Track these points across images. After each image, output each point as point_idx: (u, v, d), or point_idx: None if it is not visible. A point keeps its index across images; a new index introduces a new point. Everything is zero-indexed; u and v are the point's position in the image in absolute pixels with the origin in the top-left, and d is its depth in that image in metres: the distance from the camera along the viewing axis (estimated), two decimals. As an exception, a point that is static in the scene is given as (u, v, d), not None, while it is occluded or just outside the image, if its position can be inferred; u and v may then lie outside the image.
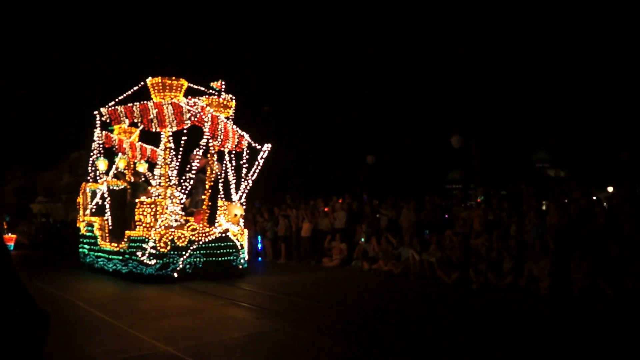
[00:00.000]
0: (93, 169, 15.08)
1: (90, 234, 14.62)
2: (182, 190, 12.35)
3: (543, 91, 22.26)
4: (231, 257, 12.72)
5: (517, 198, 14.45)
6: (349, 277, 12.88)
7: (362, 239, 14.59)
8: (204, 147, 12.42)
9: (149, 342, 6.42)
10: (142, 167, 16.08)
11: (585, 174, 22.08)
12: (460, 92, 21.28)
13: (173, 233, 11.95)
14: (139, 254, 11.89)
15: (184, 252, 11.95)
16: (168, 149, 12.83)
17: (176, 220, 12.34)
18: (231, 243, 12.74)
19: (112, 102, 13.25)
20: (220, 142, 12.76)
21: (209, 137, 12.33)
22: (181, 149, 12.55)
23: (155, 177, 14.30)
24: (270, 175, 11.17)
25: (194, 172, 12.40)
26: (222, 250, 12.57)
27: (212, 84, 13.01)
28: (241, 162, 13.13)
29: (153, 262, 11.76)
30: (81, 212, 15.66)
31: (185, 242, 12.02)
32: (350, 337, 6.90)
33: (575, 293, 9.69)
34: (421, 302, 9.81)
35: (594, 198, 14.64)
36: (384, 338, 6.88)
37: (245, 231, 13.45)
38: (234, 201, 13.08)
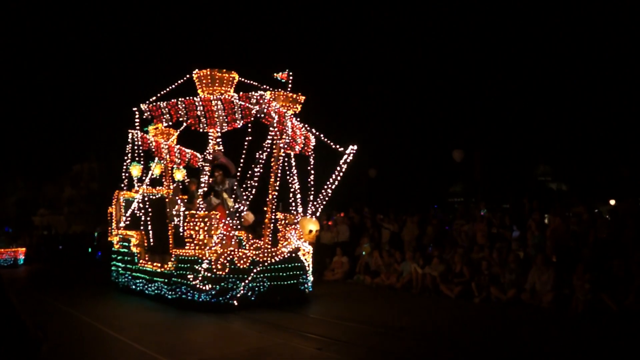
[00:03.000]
0: (126, 175, 13.68)
1: (125, 250, 12.94)
2: (240, 201, 10.86)
3: (546, 104, 22.40)
4: (298, 280, 10.95)
5: (519, 212, 14.48)
6: (351, 290, 12.88)
7: (364, 253, 14.61)
8: (268, 150, 10.78)
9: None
10: (180, 174, 14.61)
11: (587, 187, 22.12)
12: (463, 106, 21.40)
13: (233, 253, 10.17)
14: (190, 277, 10.24)
15: (245, 276, 10.14)
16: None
17: (230, 237, 10.60)
18: (299, 264, 10.95)
19: (154, 98, 11.64)
20: (288, 144, 10.93)
21: (278, 138, 10.54)
22: (244, 152, 10.99)
23: (202, 186, 11.94)
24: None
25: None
26: (289, 273, 10.75)
27: (276, 75, 11.27)
28: (309, 168, 11.33)
29: (208, 287, 10.03)
30: (114, 224, 13.98)
31: (247, 264, 10.18)
32: (351, 350, 6.93)
33: (579, 307, 9.74)
34: (423, 317, 9.83)
35: (596, 211, 14.67)
36: (386, 352, 6.90)
37: (310, 249, 11.52)
38: (308, 215, 11.11)
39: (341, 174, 10.67)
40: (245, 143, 11.00)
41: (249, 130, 11.14)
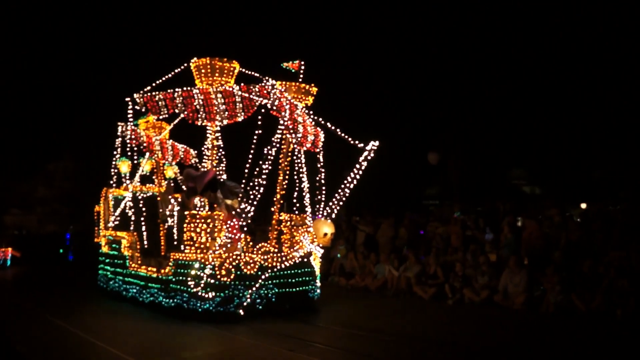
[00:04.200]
0: (115, 171, 12.81)
1: (115, 252, 11.95)
2: (246, 200, 9.80)
3: (520, 108, 22.77)
4: (308, 287, 10.28)
5: (493, 214, 14.72)
6: (326, 292, 12.90)
7: (339, 255, 14.69)
8: (277, 145, 9.80)
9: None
10: (171, 171, 13.76)
11: (560, 191, 22.57)
12: (438, 109, 21.62)
13: (239, 258, 9.44)
14: (191, 283, 9.40)
15: (252, 282, 9.42)
16: (215, 148, 10.62)
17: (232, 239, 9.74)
18: (309, 269, 10.30)
19: (148, 88, 10.85)
20: (299, 139, 10.03)
21: (289, 132, 9.81)
22: (253, 146, 9.90)
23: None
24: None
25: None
26: (299, 279, 10.07)
27: (285, 64, 10.51)
28: (319, 165, 10.56)
29: (211, 294, 9.26)
30: (102, 224, 12.87)
31: (255, 270, 9.44)
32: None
33: (550, 308, 9.96)
34: (398, 319, 9.93)
35: (568, 215, 15.00)
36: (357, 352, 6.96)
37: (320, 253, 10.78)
38: (323, 216, 10.24)
39: (360, 172, 9.70)
40: (254, 138, 9.87)
41: (259, 122, 9.92)
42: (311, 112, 10.20)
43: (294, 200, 10.71)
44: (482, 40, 22.85)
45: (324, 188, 10.46)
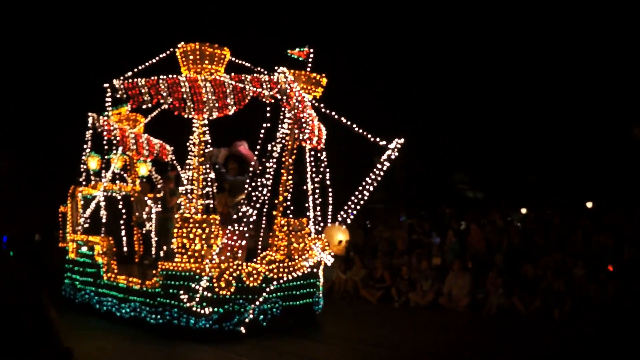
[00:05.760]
0: (84, 167, 11.40)
1: (87, 260, 10.48)
2: (247, 203, 8.80)
3: (463, 113, 23.48)
4: (313, 299, 9.46)
5: (438, 219, 15.14)
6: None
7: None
8: (282, 141, 8.91)
9: None
10: (145, 168, 12.33)
11: (501, 196, 23.39)
12: (384, 114, 21.98)
13: (240, 268, 8.38)
14: (184, 297, 8.31)
15: (256, 296, 8.42)
16: (203, 144, 9.35)
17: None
18: (314, 280, 9.46)
19: (130, 73, 9.60)
20: (307, 135, 8.90)
21: (296, 127, 8.83)
22: (259, 141, 8.83)
23: (185, 183, 9.75)
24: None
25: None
26: (305, 291, 9.21)
27: (291, 51, 9.49)
28: (322, 165, 9.59)
29: (208, 310, 8.19)
30: (68, 227, 11.32)
31: (259, 282, 8.43)
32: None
33: (492, 310, 10.33)
34: (345, 322, 10.04)
35: (509, 219, 15.62)
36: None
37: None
38: (337, 222, 8.83)
39: (382, 172, 8.62)
40: (261, 133, 8.84)
41: (267, 116, 8.90)
42: (322, 105, 9.12)
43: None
44: (428, 48, 23.34)
45: (330, 190, 9.59)
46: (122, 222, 10.47)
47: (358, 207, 8.64)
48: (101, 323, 9.58)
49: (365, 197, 8.66)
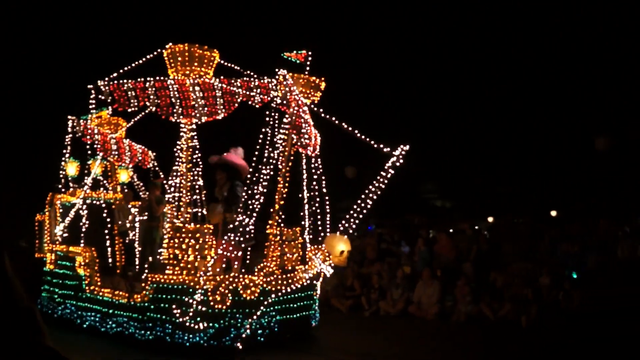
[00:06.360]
0: (63, 173, 10.74)
1: (67, 272, 9.87)
2: (245, 211, 8.30)
3: (429, 123, 23.84)
4: (310, 312, 9.16)
5: (407, 228, 15.32)
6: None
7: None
8: (279, 147, 8.53)
9: None
10: (125, 175, 11.67)
11: (469, 205, 23.76)
12: (351, 122, 22.14)
13: (237, 280, 7.98)
14: (177, 312, 7.87)
15: (253, 310, 8.03)
16: (191, 149, 8.98)
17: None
18: (312, 292, 9.20)
19: (115, 75, 9.11)
20: (307, 140, 8.54)
21: (295, 132, 8.48)
22: (256, 146, 8.50)
23: (170, 189, 9.22)
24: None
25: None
26: (302, 303, 8.89)
27: (288, 54, 9.00)
28: (317, 172, 9.06)
29: (202, 325, 7.73)
30: (46, 237, 10.58)
31: (257, 295, 8.03)
32: None
33: (461, 318, 10.50)
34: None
35: (476, 228, 15.90)
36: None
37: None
38: (337, 232, 8.27)
39: (386, 180, 8.18)
40: (260, 138, 8.51)
41: (268, 120, 8.65)
42: (321, 110, 8.81)
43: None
44: (386, 55, 23.53)
45: (327, 198, 9.15)
46: (106, 231, 9.84)
47: (361, 216, 8.22)
48: (83, 339, 9.02)
49: (369, 206, 8.25)
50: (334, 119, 8.66)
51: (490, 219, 21.26)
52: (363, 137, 8.52)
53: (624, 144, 19.08)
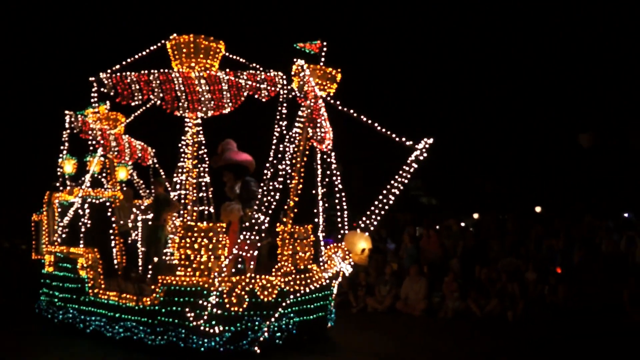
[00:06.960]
0: (60, 171, 10.27)
1: (68, 274, 9.37)
2: (259, 207, 8.08)
3: (415, 122, 23.95)
4: (326, 313, 8.82)
5: (394, 225, 15.39)
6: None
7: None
8: (293, 141, 8.21)
9: None
10: (124, 172, 11.30)
11: (455, 201, 23.91)
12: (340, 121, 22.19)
13: (253, 282, 7.68)
14: (191, 315, 7.55)
15: (271, 312, 7.74)
16: (197, 145, 8.69)
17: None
18: (329, 292, 8.80)
19: (117, 67, 8.71)
20: (322, 134, 8.15)
21: (310, 126, 8.14)
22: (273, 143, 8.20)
23: (177, 186, 8.94)
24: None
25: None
26: (319, 304, 8.53)
27: (302, 45, 8.61)
28: (333, 168, 8.77)
29: (218, 329, 7.44)
30: (44, 237, 10.05)
31: (274, 296, 7.75)
32: None
33: (448, 314, 10.62)
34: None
35: (462, 224, 16.04)
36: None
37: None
38: (359, 229, 8.21)
39: (409, 175, 8.10)
40: (275, 134, 8.24)
41: (281, 115, 8.32)
42: (338, 103, 8.50)
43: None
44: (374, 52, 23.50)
45: (343, 195, 8.89)
46: (110, 231, 9.28)
47: (382, 212, 7.99)
48: (88, 345, 8.52)
49: (391, 202, 8.03)
50: (352, 111, 8.33)
51: (475, 216, 21.41)
52: (384, 130, 8.30)
53: (608, 141, 19.35)
